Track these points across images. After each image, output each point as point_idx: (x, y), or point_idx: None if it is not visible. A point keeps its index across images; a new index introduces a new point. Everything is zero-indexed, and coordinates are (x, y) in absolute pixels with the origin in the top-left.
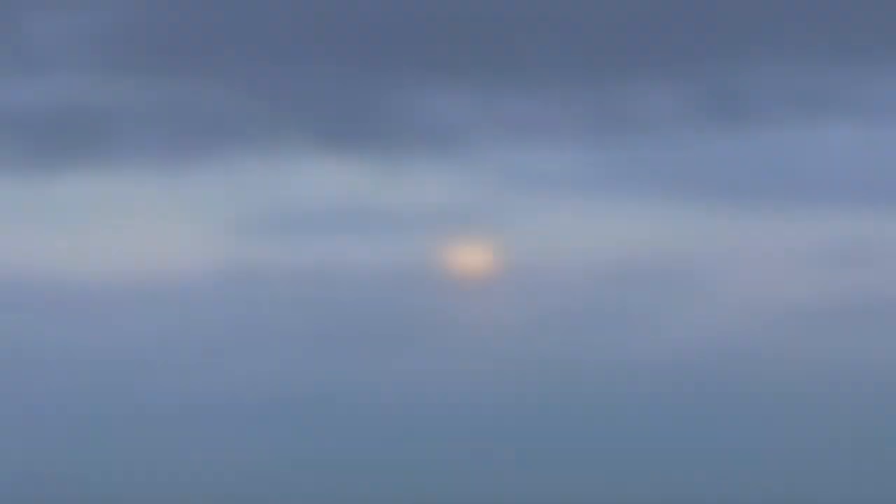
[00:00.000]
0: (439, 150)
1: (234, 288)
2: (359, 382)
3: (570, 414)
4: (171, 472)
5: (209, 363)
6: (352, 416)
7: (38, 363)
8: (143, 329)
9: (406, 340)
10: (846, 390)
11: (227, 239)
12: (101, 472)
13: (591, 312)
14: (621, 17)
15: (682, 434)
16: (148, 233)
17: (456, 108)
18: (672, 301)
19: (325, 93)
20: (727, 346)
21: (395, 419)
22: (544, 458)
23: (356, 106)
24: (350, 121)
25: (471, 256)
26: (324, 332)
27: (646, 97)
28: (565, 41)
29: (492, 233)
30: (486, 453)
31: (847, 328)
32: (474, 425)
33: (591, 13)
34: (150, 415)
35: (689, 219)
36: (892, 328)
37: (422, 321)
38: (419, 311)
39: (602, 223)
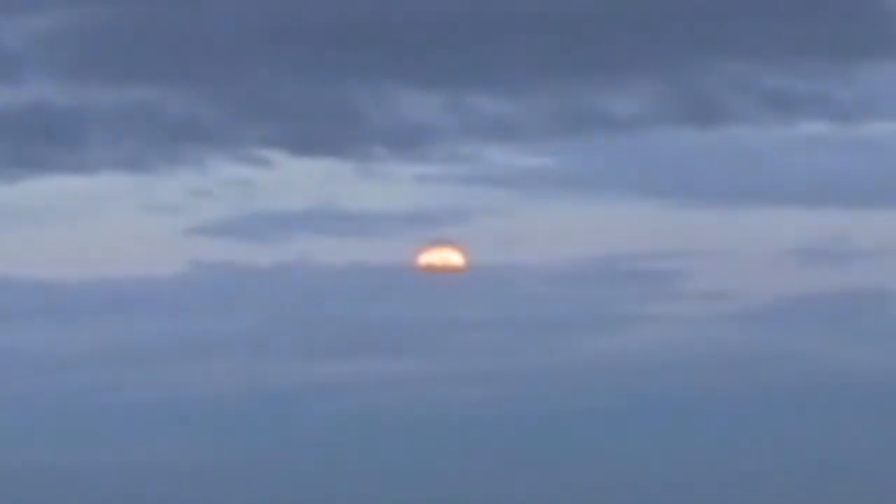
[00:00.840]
0: (410, 152)
1: (203, 288)
2: (329, 381)
3: (544, 413)
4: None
5: (178, 362)
6: (322, 416)
7: (6, 362)
8: (114, 328)
9: (377, 340)
10: (823, 383)
11: (196, 240)
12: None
13: (564, 312)
14: (593, 19)
15: (655, 430)
16: (117, 234)
17: (427, 110)
18: (646, 299)
19: (294, 96)
20: (704, 343)
21: (365, 418)
22: (520, 457)
23: (326, 108)
24: (320, 123)
25: (441, 257)
26: (293, 333)
27: (617, 98)
28: (536, 43)
29: (463, 233)
30: (458, 453)
31: (821, 323)
32: (447, 424)
33: (563, 15)
34: (119, 412)
35: (662, 218)
36: (866, 323)
37: (393, 321)
38: (391, 312)
39: (575, 223)
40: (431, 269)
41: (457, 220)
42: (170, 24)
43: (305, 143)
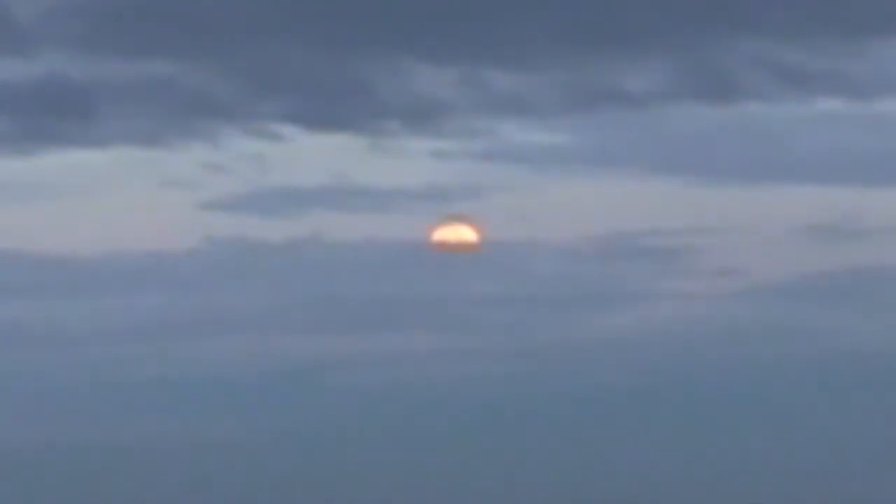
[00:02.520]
0: (425, 128)
1: (217, 263)
2: (343, 357)
3: (557, 389)
4: (156, 445)
5: (190, 338)
6: (336, 392)
7: (18, 339)
8: (127, 303)
9: (390, 316)
10: (834, 360)
11: (210, 215)
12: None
13: (578, 288)
14: None
15: (667, 407)
16: (131, 208)
17: (441, 86)
18: (659, 276)
19: (308, 70)
20: (716, 320)
21: (378, 394)
22: (532, 432)
23: (340, 83)
24: (334, 98)
25: (455, 233)
26: (306, 309)
27: (632, 74)
28: (552, 18)
29: (477, 209)
30: (472, 429)
31: (833, 301)
32: (461, 400)
33: None
34: (132, 388)
35: (676, 194)
36: (878, 301)
37: (406, 298)
38: (404, 288)
39: (589, 199)
40: (445, 245)
41: (470, 195)
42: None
43: (319, 118)
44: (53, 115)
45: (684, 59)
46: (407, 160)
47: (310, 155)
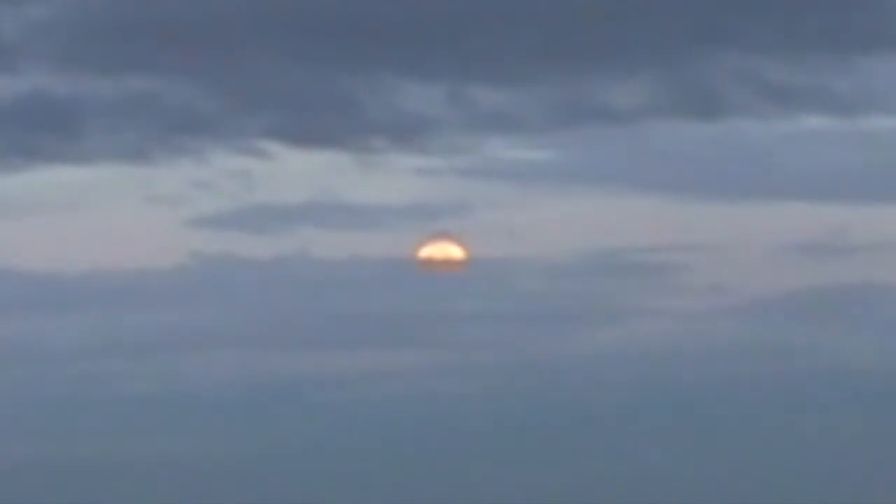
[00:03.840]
0: (411, 144)
1: (203, 280)
2: (329, 374)
3: (544, 406)
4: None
5: (177, 354)
6: (321, 408)
7: (2, 355)
8: (112, 320)
9: (376, 333)
10: (822, 377)
11: (196, 232)
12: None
13: (564, 305)
14: (593, 12)
15: (655, 424)
16: (116, 225)
17: (427, 102)
18: (646, 292)
19: (294, 87)
20: (703, 337)
21: (364, 411)
22: (519, 450)
23: (326, 100)
24: (320, 114)
25: (442, 250)
26: (292, 325)
27: (618, 91)
28: (538, 35)
29: (463, 226)
30: (457, 447)
31: (821, 318)
32: (446, 417)
33: (565, 7)
34: (118, 405)
35: (662, 211)
36: (865, 318)
37: (393, 314)
38: (391, 305)
39: (575, 216)
40: (431, 262)
41: (457, 212)
42: (169, 14)
43: (305, 135)
44: (38, 132)
45: (670, 75)
46: (393, 177)
47: (295, 171)
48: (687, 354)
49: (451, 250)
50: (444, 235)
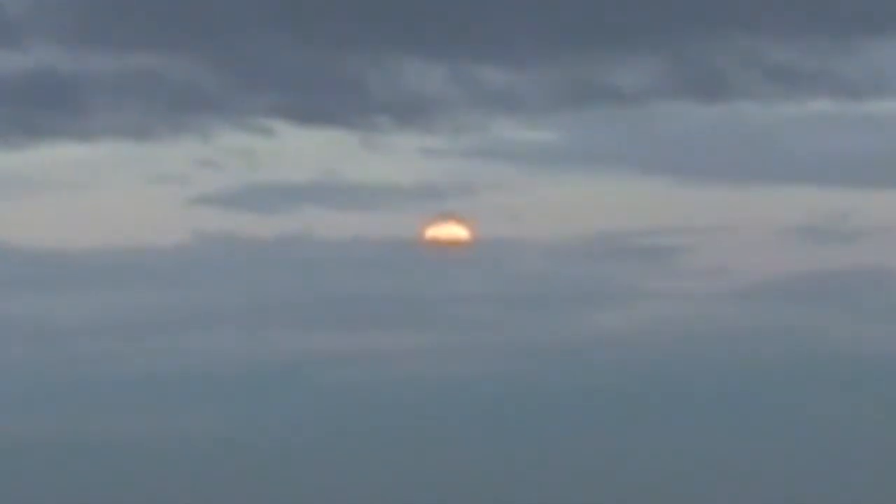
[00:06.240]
0: (415, 124)
1: (206, 258)
2: (332, 354)
3: (546, 388)
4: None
5: (179, 333)
6: (323, 389)
7: (5, 333)
8: (115, 298)
9: (379, 314)
10: (823, 361)
11: (199, 211)
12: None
13: (567, 287)
14: None
15: (655, 407)
16: (120, 203)
17: (432, 81)
18: (649, 275)
19: (298, 66)
20: (706, 320)
21: (367, 392)
22: (520, 432)
23: (331, 78)
24: (324, 93)
25: (446, 231)
26: (294, 305)
27: (624, 72)
28: (543, 15)
29: (468, 207)
30: (459, 428)
31: (823, 301)
32: (449, 398)
33: None
34: (119, 383)
35: (666, 193)
36: (868, 302)
37: (396, 295)
38: (394, 285)
39: (579, 197)
40: (435, 243)
41: (461, 193)
42: None
43: (310, 113)
44: (42, 109)
45: (676, 57)
46: (397, 156)
47: (300, 150)
48: (689, 337)
49: (456, 231)
50: (449, 216)
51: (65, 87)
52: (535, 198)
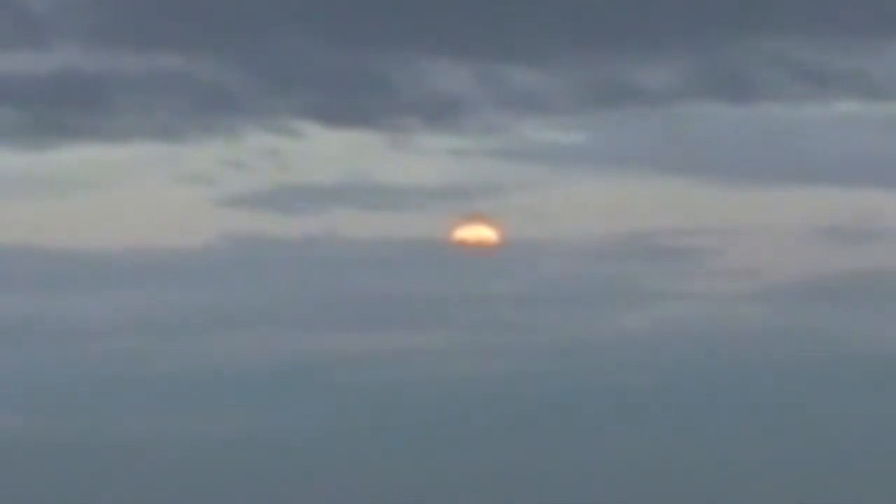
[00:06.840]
0: (443, 124)
1: (233, 260)
2: (358, 355)
3: (572, 389)
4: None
5: (206, 333)
6: (349, 389)
7: (33, 334)
8: (142, 299)
9: (407, 315)
10: (851, 362)
11: (227, 212)
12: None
13: (595, 287)
14: None
15: (683, 407)
16: (147, 204)
17: (460, 82)
18: (676, 276)
19: (326, 66)
20: (733, 321)
21: (393, 392)
22: (547, 433)
23: (359, 79)
24: (352, 94)
25: (474, 232)
26: (321, 306)
27: (651, 72)
28: (571, 15)
29: (496, 208)
30: (486, 428)
31: (850, 302)
32: (475, 398)
33: None
34: (148, 383)
35: (693, 194)
36: (895, 303)
37: (425, 295)
38: (422, 286)
39: (607, 198)
40: (463, 244)
41: (489, 194)
42: None
43: (337, 114)
44: (69, 109)
45: (703, 58)
46: (425, 157)
47: (328, 151)
48: (717, 338)
49: (484, 232)
50: (476, 217)
51: (92, 88)
52: (562, 199)
